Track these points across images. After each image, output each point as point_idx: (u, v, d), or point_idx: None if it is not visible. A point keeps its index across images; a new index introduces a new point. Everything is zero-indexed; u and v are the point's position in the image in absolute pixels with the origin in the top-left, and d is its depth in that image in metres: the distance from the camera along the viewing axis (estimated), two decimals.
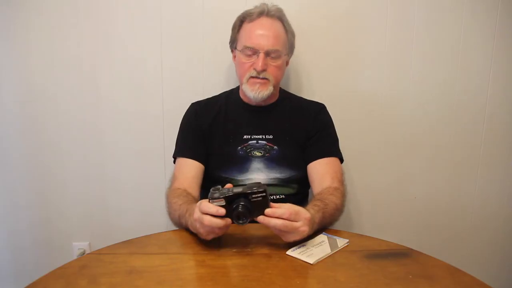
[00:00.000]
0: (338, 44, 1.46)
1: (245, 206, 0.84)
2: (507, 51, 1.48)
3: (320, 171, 1.16)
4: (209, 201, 0.85)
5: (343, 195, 1.12)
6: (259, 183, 0.88)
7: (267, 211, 0.85)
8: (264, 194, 0.85)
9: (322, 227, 1.00)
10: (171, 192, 1.11)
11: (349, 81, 1.49)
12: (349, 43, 1.47)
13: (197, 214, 0.86)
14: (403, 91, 1.50)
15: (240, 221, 0.84)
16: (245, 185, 0.88)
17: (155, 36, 1.43)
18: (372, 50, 1.47)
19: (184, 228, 1.02)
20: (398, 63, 1.48)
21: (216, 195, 0.84)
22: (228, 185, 0.89)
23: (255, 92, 1.15)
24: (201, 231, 0.88)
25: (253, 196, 0.85)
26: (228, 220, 0.85)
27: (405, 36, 1.46)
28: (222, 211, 0.83)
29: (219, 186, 0.87)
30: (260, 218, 0.85)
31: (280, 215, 0.85)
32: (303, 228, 0.88)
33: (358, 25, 1.45)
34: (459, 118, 1.53)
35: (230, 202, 0.84)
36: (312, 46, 1.44)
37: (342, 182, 1.16)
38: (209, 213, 0.84)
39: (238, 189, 0.85)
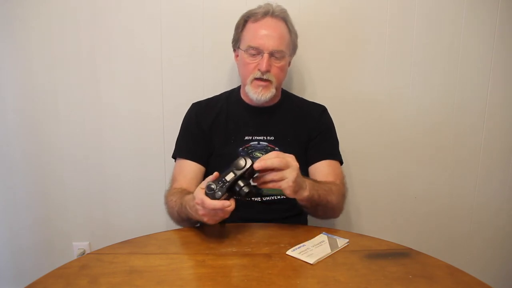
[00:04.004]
0: (338, 45, 1.46)
1: (247, 185, 0.88)
2: (507, 51, 1.48)
3: (322, 172, 1.16)
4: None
5: (343, 192, 1.13)
6: (243, 157, 0.89)
7: (256, 164, 0.88)
8: (251, 163, 0.88)
9: (316, 198, 1.00)
10: (168, 193, 1.12)
11: (350, 82, 1.49)
12: (349, 44, 1.47)
13: (198, 199, 0.87)
14: (403, 92, 1.50)
15: (249, 195, 0.89)
16: (231, 165, 0.89)
17: (155, 36, 1.43)
18: (373, 51, 1.47)
19: (186, 221, 1.03)
20: (398, 63, 1.48)
21: (219, 194, 0.86)
22: (215, 174, 0.90)
23: (258, 95, 1.15)
24: (206, 219, 0.90)
25: (246, 173, 0.88)
26: (231, 202, 0.87)
27: (405, 37, 1.46)
28: (228, 204, 0.86)
29: (211, 183, 0.87)
30: (256, 166, 0.87)
31: (269, 157, 0.89)
32: (294, 163, 0.90)
33: (358, 25, 1.45)
34: (459, 118, 1.53)
35: (231, 190, 0.88)
36: (311, 47, 1.44)
37: (344, 184, 1.16)
38: (216, 209, 0.85)
39: (231, 175, 0.87)
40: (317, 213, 1.11)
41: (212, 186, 0.86)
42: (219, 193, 0.86)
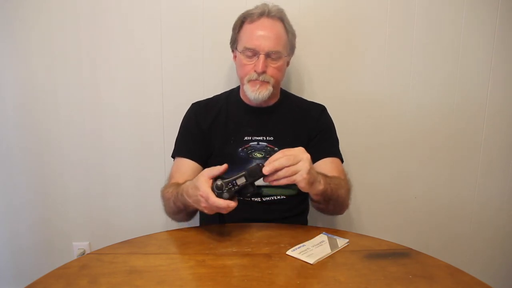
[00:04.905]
0: (338, 45, 1.46)
1: (253, 189, 0.90)
2: (507, 51, 1.48)
3: (326, 169, 1.15)
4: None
5: (349, 188, 1.13)
6: (258, 165, 0.89)
7: (265, 169, 0.87)
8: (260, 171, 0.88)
9: (329, 192, 0.99)
10: (164, 187, 1.13)
11: (349, 82, 1.49)
12: (349, 44, 1.47)
13: (204, 192, 0.87)
14: (403, 91, 1.50)
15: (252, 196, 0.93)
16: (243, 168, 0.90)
17: (155, 35, 1.43)
18: (373, 50, 1.47)
19: (182, 211, 1.04)
20: (399, 63, 1.48)
21: (226, 195, 0.87)
22: (225, 166, 0.91)
23: (255, 93, 1.15)
24: (206, 211, 0.91)
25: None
26: (235, 204, 0.88)
27: (405, 36, 1.46)
28: (233, 205, 0.87)
29: (220, 181, 0.87)
30: (265, 170, 0.87)
31: (276, 158, 0.88)
32: (304, 155, 0.89)
33: (358, 25, 1.45)
34: (459, 118, 1.53)
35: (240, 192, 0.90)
36: (311, 47, 1.44)
37: (348, 180, 1.16)
38: (220, 207, 0.86)
39: (242, 180, 0.88)
40: (328, 209, 1.10)
41: (219, 183, 0.87)
42: (227, 194, 0.87)
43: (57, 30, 1.41)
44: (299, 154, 0.90)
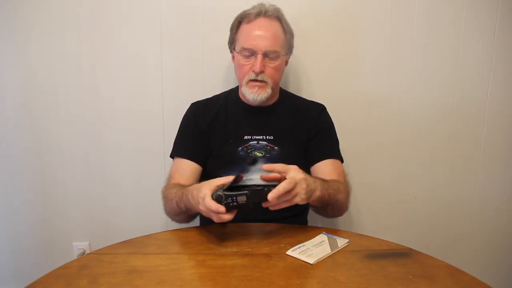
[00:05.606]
0: (338, 44, 1.46)
1: (253, 208, 0.89)
2: (507, 51, 1.48)
3: (325, 171, 1.16)
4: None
5: (348, 190, 1.13)
6: (264, 188, 0.88)
7: (271, 196, 0.86)
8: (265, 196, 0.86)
9: (327, 198, 1.00)
10: (166, 188, 1.13)
11: (348, 82, 1.49)
12: (349, 44, 1.47)
13: (202, 193, 0.88)
14: (403, 91, 1.50)
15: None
16: (248, 185, 0.89)
17: (155, 35, 1.43)
18: (372, 50, 1.47)
19: (184, 213, 1.04)
20: (398, 63, 1.48)
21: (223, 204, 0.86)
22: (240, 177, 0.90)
23: (254, 95, 1.15)
24: (204, 213, 0.91)
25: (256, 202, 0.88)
26: (230, 216, 0.87)
27: (405, 36, 1.46)
28: (222, 210, 0.85)
29: (221, 193, 0.86)
30: (270, 197, 0.86)
31: (273, 168, 0.91)
32: (300, 175, 0.90)
33: (358, 25, 1.45)
34: (459, 118, 1.53)
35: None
36: (311, 47, 1.44)
37: (348, 182, 1.17)
38: (211, 210, 0.86)
39: (243, 198, 0.87)
40: (326, 212, 1.11)
41: (219, 195, 0.86)
42: (224, 207, 0.86)
43: (57, 30, 1.41)
44: (295, 176, 0.89)
